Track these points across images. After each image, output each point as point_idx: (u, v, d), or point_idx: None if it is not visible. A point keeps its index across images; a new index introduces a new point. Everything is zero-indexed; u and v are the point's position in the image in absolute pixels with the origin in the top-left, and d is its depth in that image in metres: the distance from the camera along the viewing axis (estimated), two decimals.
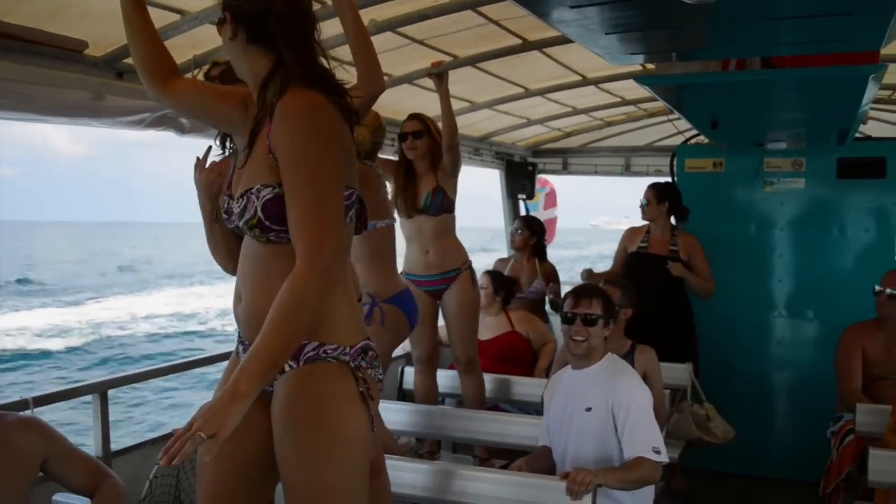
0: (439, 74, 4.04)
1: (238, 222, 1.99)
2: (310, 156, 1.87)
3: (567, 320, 3.17)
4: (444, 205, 4.14)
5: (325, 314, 1.95)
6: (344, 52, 3.89)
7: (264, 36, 1.96)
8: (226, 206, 2.09)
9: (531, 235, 5.70)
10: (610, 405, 2.98)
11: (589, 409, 3.04)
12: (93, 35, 2.98)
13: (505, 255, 6.23)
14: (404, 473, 2.98)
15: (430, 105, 4.67)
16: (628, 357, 3.93)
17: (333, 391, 1.96)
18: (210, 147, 2.45)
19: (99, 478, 2.54)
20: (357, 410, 1.98)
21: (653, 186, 5.16)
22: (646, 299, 4.63)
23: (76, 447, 2.58)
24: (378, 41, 3.69)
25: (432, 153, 4.13)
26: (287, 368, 1.98)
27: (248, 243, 2.05)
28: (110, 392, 3.22)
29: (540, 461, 3.21)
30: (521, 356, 4.96)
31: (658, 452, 2.88)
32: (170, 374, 3.85)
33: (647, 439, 2.91)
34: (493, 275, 5.12)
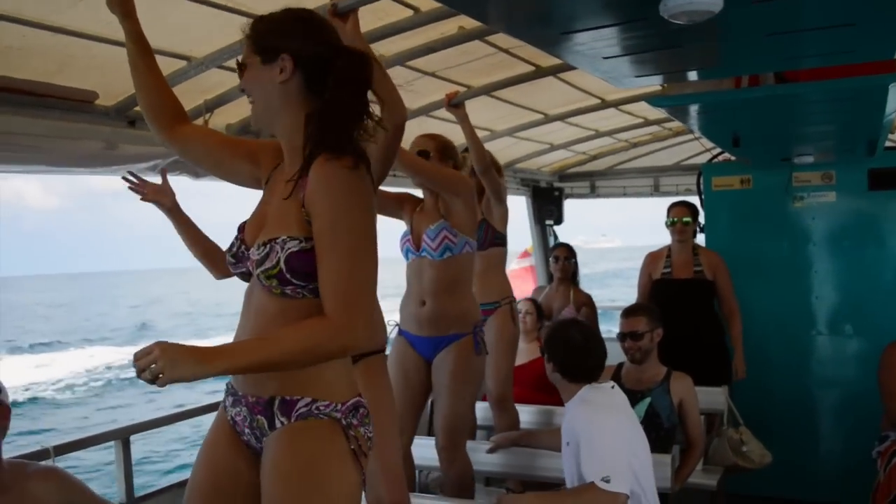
0: (456, 105, 4.03)
1: (255, 269, 1.94)
2: (351, 225, 1.84)
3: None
4: (488, 239, 4.07)
5: (320, 370, 1.92)
6: None
7: (323, 86, 1.91)
8: (235, 248, 2.05)
9: (571, 261, 5.69)
10: (571, 438, 2.99)
11: (567, 444, 3.05)
12: (102, 85, 3.03)
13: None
14: None
15: (450, 135, 4.65)
16: (664, 384, 3.86)
17: (325, 449, 1.92)
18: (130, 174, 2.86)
19: None
20: (348, 469, 1.94)
21: (686, 204, 5.08)
22: (678, 325, 4.56)
23: (98, 495, 2.57)
24: (391, 75, 3.74)
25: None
26: (278, 424, 1.94)
27: (257, 296, 1.99)
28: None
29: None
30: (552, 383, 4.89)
31: (607, 481, 2.77)
32: (194, 418, 3.84)
33: (595, 468, 2.82)
34: (535, 302, 5.11)
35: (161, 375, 1.60)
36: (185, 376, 1.63)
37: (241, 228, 2.07)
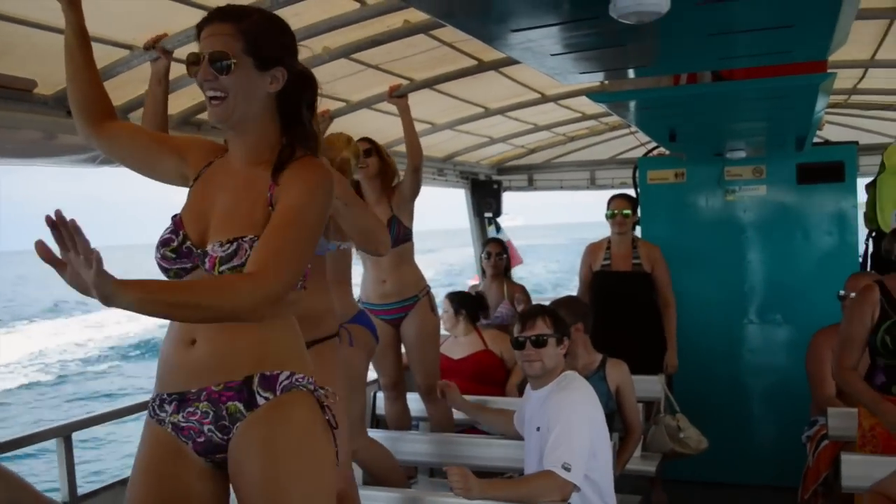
0: (399, 96, 4.09)
1: (218, 266, 1.89)
2: (307, 214, 1.89)
3: (518, 345, 3.16)
4: (400, 235, 4.11)
5: (293, 344, 1.98)
6: None
7: (290, 101, 1.99)
8: (177, 244, 1.99)
9: (503, 257, 5.74)
10: (547, 424, 2.96)
11: (538, 429, 3.03)
12: (41, 74, 2.95)
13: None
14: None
15: (390, 129, 4.68)
16: (599, 371, 3.92)
17: (313, 418, 1.95)
18: None
19: None
20: (329, 438, 1.98)
21: (627, 197, 5.18)
22: (617, 315, 4.65)
23: (42, 494, 2.51)
24: (334, 68, 3.74)
25: (382, 177, 4.10)
26: (261, 401, 1.90)
27: None
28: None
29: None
30: (495, 375, 4.94)
31: (567, 469, 2.77)
32: (137, 413, 3.78)
33: (559, 454, 2.82)
34: (453, 296, 5.10)
35: (75, 280, 1.55)
36: (106, 299, 1.56)
37: (179, 223, 2.02)
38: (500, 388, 4.86)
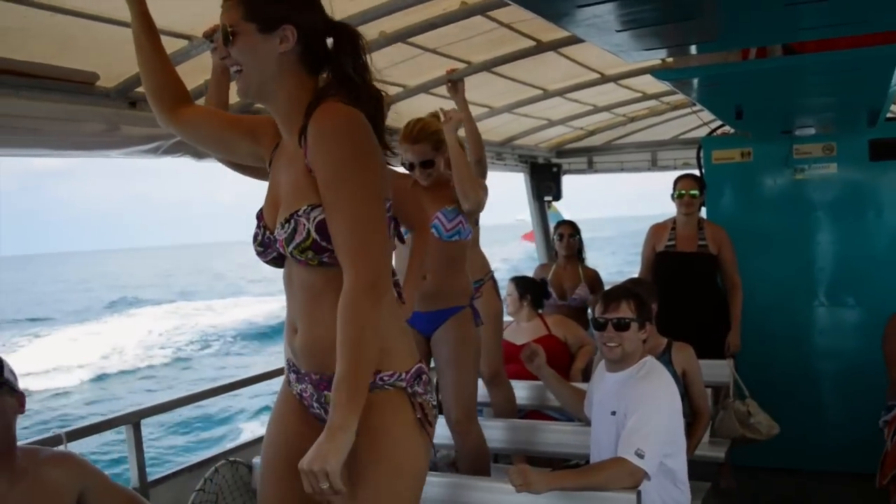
0: (454, 82, 4.02)
1: (287, 248, 1.91)
2: (349, 171, 1.82)
3: (599, 326, 3.08)
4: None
5: (386, 341, 1.91)
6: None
7: (317, 57, 1.92)
8: (260, 237, 2.03)
9: (576, 238, 5.68)
10: (625, 410, 2.88)
11: (613, 413, 2.96)
12: (102, 66, 2.98)
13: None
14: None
15: None
16: (665, 356, 3.85)
17: (392, 421, 1.92)
18: None
19: None
20: (415, 439, 1.94)
21: (694, 177, 5.07)
22: (680, 298, 4.55)
23: (112, 480, 2.56)
24: (391, 53, 3.72)
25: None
26: None
27: (296, 272, 1.97)
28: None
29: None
30: (559, 360, 4.88)
31: (641, 456, 2.69)
32: (204, 400, 3.84)
33: (635, 439, 2.73)
34: (517, 280, 5.06)
35: (328, 475, 1.73)
36: (340, 453, 1.73)
37: (260, 216, 2.05)
38: (564, 373, 4.78)
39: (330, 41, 1.94)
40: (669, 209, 5.12)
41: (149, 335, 29.95)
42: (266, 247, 2.01)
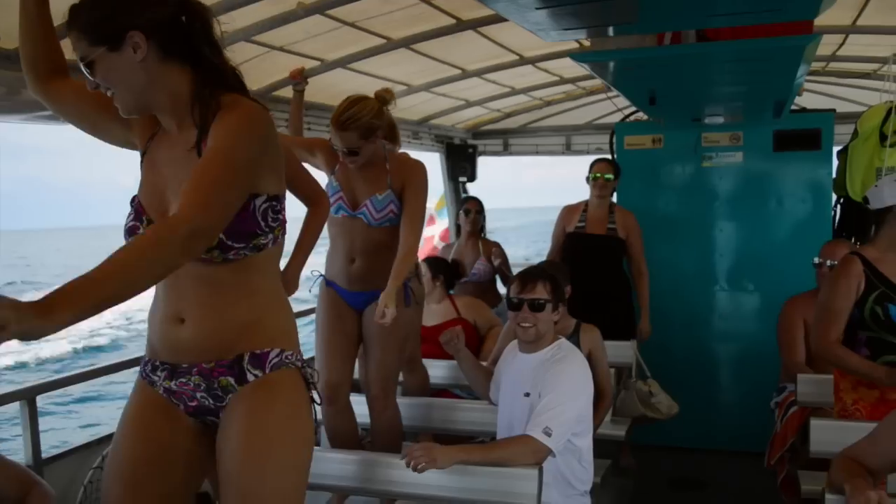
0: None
1: None
2: (231, 154, 1.77)
3: (513, 306, 3.07)
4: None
5: (283, 321, 2.00)
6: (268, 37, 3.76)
7: (179, 47, 1.84)
8: (142, 228, 1.95)
9: (481, 215, 5.70)
10: (539, 391, 2.90)
11: (527, 395, 2.97)
12: (4, 28, 2.81)
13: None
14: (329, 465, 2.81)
15: (366, 89, 4.56)
16: (573, 337, 3.89)
17: (300, 397, 2.00)
18: None
19: (27, 487, 2.43)
20: (310, 415, 2.02)
21: (609, 161, 5.14)
22: (586, 279, 4.61)
23: (3, 456, 2.45)
24: (309, 24, 3.64)
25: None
26: (251, 378, 1.94)
27: (190, 266, 1.87)
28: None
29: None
30: (469, 342, 4.85)
31: (549, 435, 2.71)
32: (101, 377, 3.70)
33: (544, 418, 2.75)
34: (430, 261, 5.05)
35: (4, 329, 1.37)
36: (32, 333, 1.40)
37: (140, 207, 1.98)
38: (474, 354, 4.82)
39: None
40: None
41: None
42: None
